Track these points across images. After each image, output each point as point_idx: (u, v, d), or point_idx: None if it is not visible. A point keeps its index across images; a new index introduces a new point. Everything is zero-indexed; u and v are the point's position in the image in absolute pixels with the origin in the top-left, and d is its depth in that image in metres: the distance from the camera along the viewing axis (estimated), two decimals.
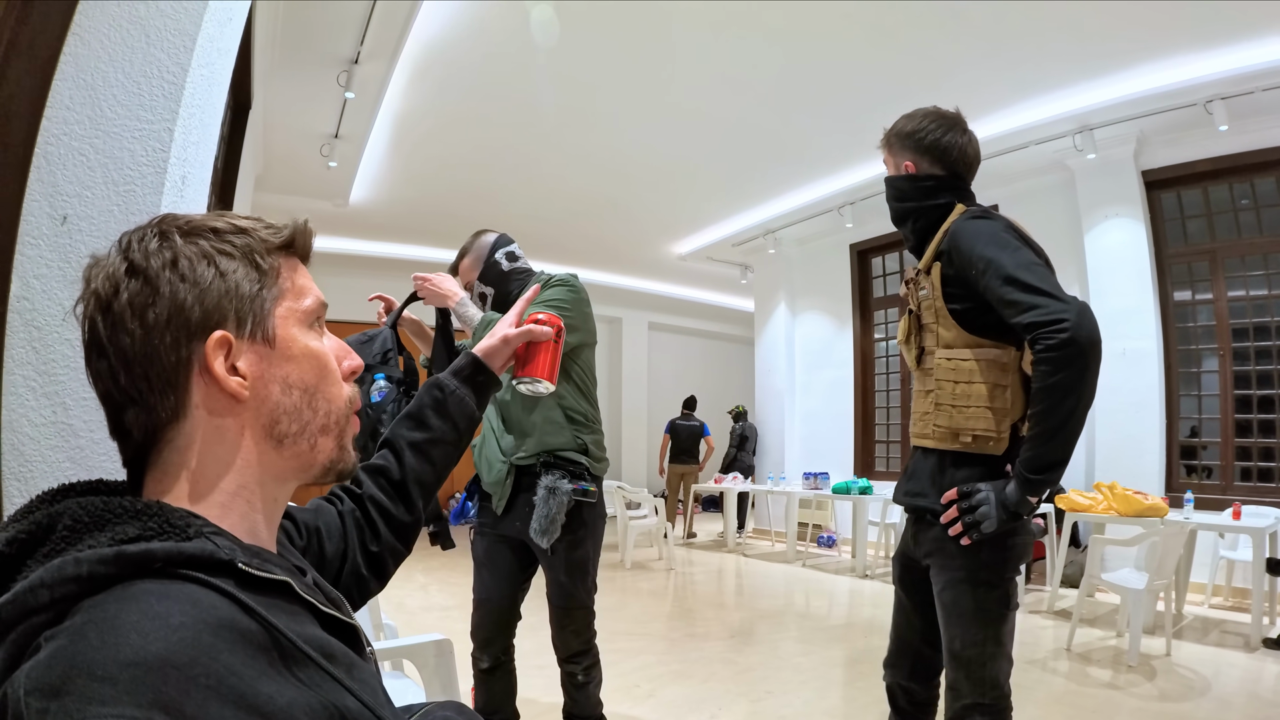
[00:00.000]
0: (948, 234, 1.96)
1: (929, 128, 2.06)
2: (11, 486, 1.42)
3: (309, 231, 0.91)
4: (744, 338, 15.33)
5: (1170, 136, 6.73)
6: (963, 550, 1.88)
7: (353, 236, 10.76)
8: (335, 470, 0.91)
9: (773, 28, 5.61)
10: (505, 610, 2.83)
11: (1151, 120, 6.51)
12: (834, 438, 10.05)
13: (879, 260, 9.96)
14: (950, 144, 2.05)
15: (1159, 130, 6.69)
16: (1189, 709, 3.72)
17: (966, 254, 1.87)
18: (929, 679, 2.18)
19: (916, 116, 2.10)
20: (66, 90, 1.54)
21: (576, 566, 2.70)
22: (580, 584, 2.72)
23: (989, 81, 6.28)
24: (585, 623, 2.75)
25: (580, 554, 2.70)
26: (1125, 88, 6.26)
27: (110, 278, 0.77)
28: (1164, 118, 6.43)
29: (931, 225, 2.05)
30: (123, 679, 0.56)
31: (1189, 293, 6.95)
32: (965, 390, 1.93)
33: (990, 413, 1.90)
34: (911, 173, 2.09)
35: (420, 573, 7.61)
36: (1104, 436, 6.95)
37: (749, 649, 4.97)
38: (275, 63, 5.83)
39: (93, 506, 0.71)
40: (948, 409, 1.96)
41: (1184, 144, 6.72)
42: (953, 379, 1.95)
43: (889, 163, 2.17)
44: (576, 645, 2.74)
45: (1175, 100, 6.19)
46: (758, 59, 6.09)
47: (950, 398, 1.95)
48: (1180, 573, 5.32)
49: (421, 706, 1.01)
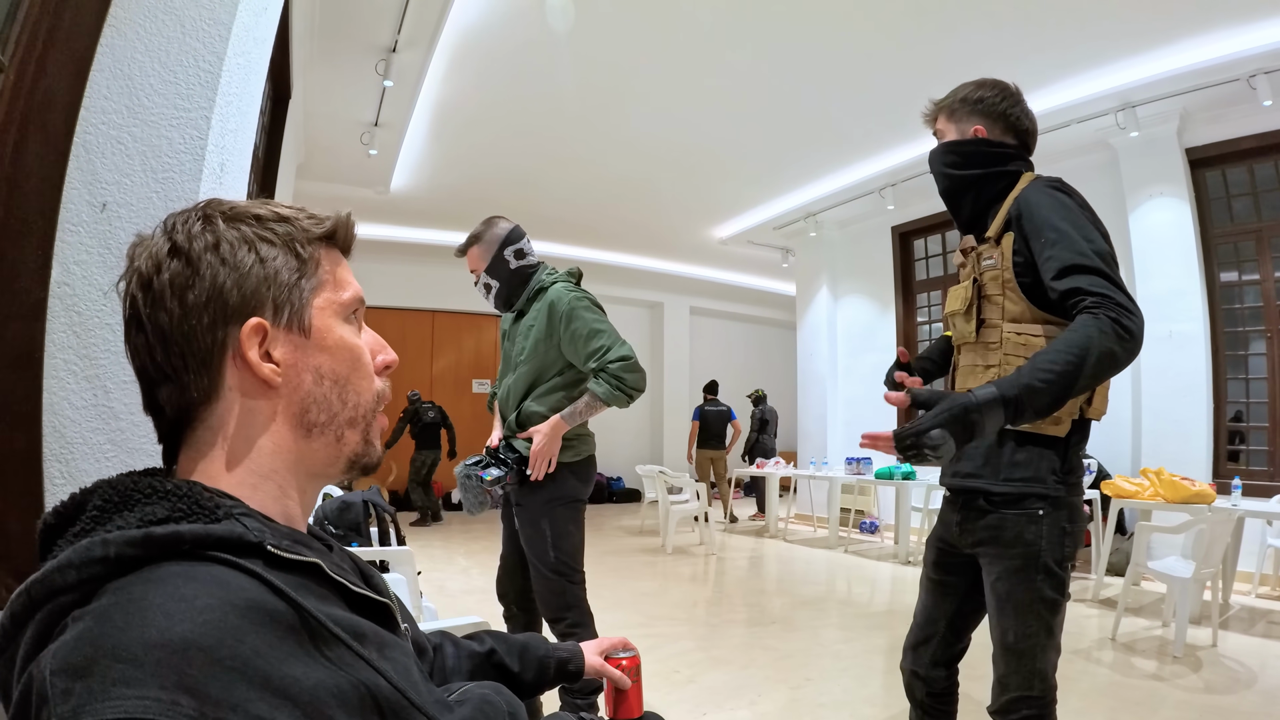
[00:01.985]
0: (1020, 200, 1.86)
1: (995, 96, 2.00)
2: (53, 468, 1.45)
3: (351, 224, 0.92)
4: (786, 322, 15.25)
5: (1214, 113, 6.56)
6: (1020, 538, 1.82)
7: (394, 223, 10.86)
8: (360, 464, 0.91)
9: (810, 8, 5.54)
10: (512, 564, 3.04)
11: (1194, 96, 6.35)
12: (877, 423, 9.91)
13: (921, 243, 9.83)
14: (1018, 114, 2.00)
15: (1202, 106, 6.51)
16: (1234, 702, 3.63)
17: (1040, 222, 1.78)
18: (949, 666, 2.14)
19: (979, 85, 2.04)
20: (104, 81, 1.57)
21: (531, 525, 2.85)
22: (537, 542, 2.84)
23: (1029, 59, 6.14)
24: (557, 585, 2.84)
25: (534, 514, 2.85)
26: (1167, 63, 6.12)
27: (153, 256, 0.79)
28: (1207, 94, 6.26)
29: (998, 194, 1.97)
30: (148, 661, 0.56)
31: (1235, 274, 6.75)
32: None
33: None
34: (983, 136, 2.00)
35: (462, 556, 7.70)
36: (1150, 422, 6.81)
37: (789, 635, 4.95)
38: (314, 52, 5.88)
39: (122, 486, 0.72)
40: None
41: (1228, 120, 6.54)
42: (1022, 354, 1.84)
43: (946, 130, 2.07)
44: (553, 605, 2.86)
45: (1218, 76, 6.03)
46: (795, 40, 6.03)
47: None
48: (1227, 561, 5.20)
49: (460, 685, 1.02)
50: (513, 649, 1.30)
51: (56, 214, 1.49)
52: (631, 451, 14.67)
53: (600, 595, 5.99)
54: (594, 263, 13.25)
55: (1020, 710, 1.85)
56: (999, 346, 1.91)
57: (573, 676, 1.36)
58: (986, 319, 1.97)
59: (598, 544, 8.95)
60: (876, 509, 9.81)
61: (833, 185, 9.41)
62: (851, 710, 3.55)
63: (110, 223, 1.53)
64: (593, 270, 13.47)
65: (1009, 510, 1.85)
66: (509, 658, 1.28)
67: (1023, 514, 1.83)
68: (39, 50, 1.48)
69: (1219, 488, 5.79)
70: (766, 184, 9.69)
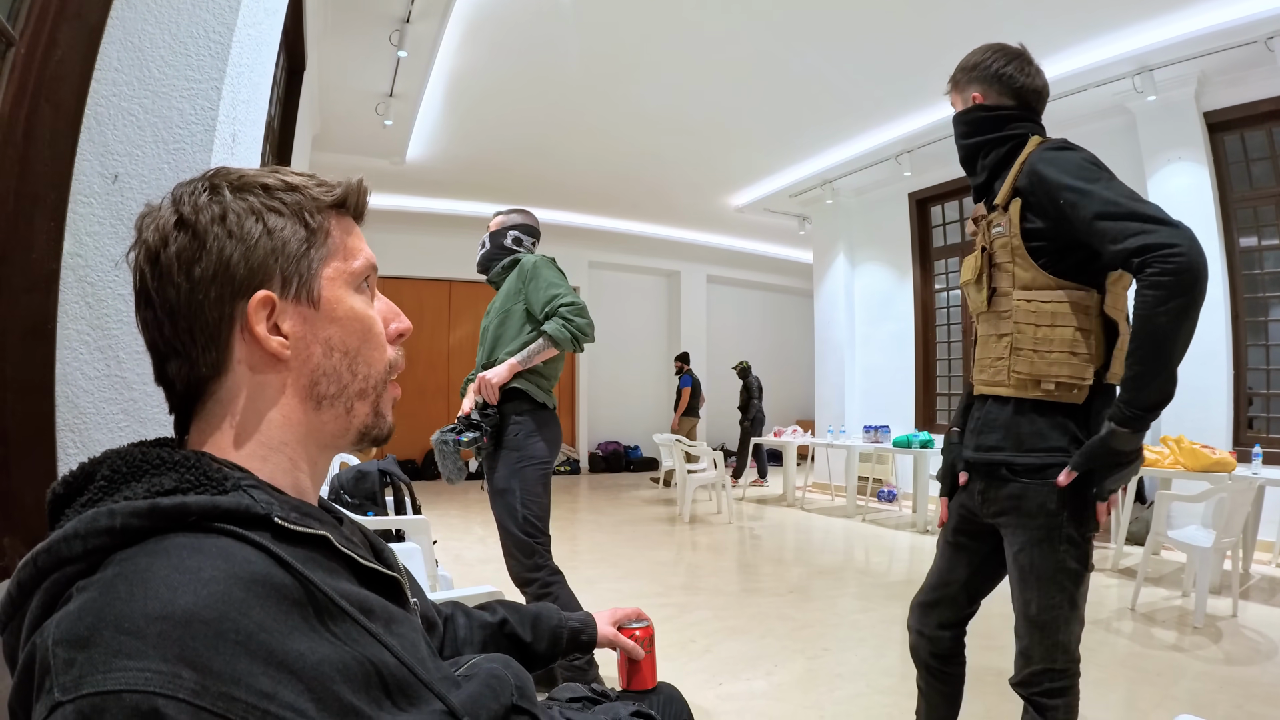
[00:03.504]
0: (1027, 167, 1.84)
1: (992, 59, 1.98)
2: (66, 438, 1.46)
3: (364, 190, 0.90)
4: (803, 290, 15.18)
5: (1232, 76, 6.42)
6: (1043, 508, 1.81)
7: (410, 194, 10.86)
8: (370, 436, 0.90)
9: None
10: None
11: (1212, 59, 6.22)
12: (895, 391, 9.92)
13: (938, 209, 9.72)
14: (1015, 74, 1.96)
15: (1220, 69, 6.38)
16: (1255, 673, 3.60)
17: (1053, 184, 1.75)
18: (957, 628, 2.14)
19: (979, 51, 2.03)
20: (115, 52, 1.56)
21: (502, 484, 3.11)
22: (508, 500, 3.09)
23: (1045, 23, 6.03)
24: (526, 545, 3.07)
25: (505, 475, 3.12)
26: (1184, 25, 6.00)
27: (160, 229, 0.78)
28: (1225, 56, 6.14)
29: (1005, 159, 1.96)
30: (150, 633, 0.56)
31: (1255, 239, 6.63)
32: (1048, 334, 1.82)
33: (1075, 358, 1.80)
34: (980, 102, 1.99)
35: (479, 525, 7.74)
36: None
37: (807, 605, 4.96)
38: (328, 23, 5.86)
39: (131, 456, 0.72)
40: (1028, 354, 1.85)
41: (1246, 83, 6.40)
42: (1034, 322, 1.84)
43: (955, 101, 2.09)
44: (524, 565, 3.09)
45: (1236, 38, 5.90)
46: (810, 7, 5.95)
47: (1031, 342, 1.84)
48: (1248, 530, 5.15)
49: (469, 659, 1.02)
50: (525, 619, 1.30)
51: (68, 186, 1.49)
52: (650, 420, 14.69)
53: (617, 565, 6.06)
54: (611, 232, 13.23)
55: (1043, 683, 1.84)
56: (1010, 315, 1.90)
57: (585, 646, 1.36)
58: (998, 287, 1.95)
59: (614, 513, 9.00)
60: (895, 478, 9.79)
61: (849, 152, 9.31)
62: (869, 680, 3.56)
63: (122, 194, 1.53)
64: (610, 239, 13.56)
65: (1031, 479, 1.83)
66: (521, 628, 1.28)
67: (1045, 483, 1.81)
68: (50, 23, 1.48)
69: (1239, 456, 5.72)
70: (782, 152, 9.60)
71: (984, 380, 2.00)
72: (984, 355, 2.01)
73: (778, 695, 3.40)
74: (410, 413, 11.56)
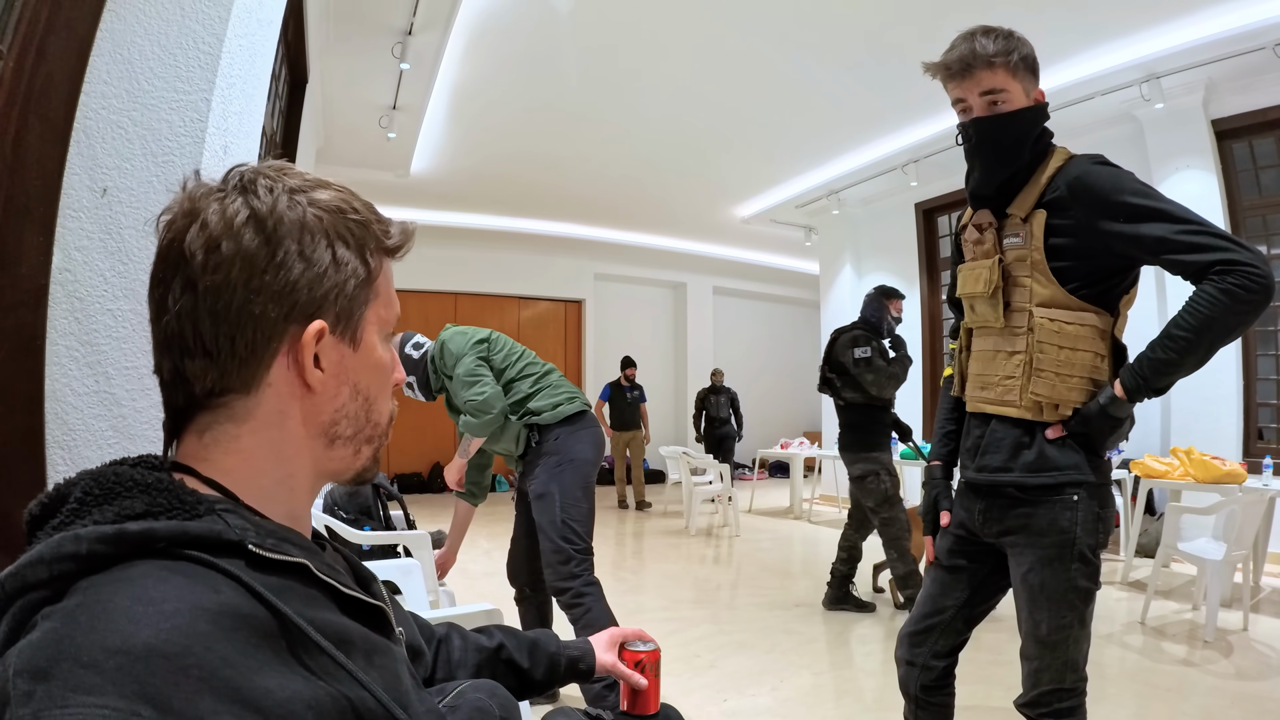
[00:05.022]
0: (1067, 178, 1.75)
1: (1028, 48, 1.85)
2: (55, 454, 1.44)
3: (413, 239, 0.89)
4: (809, 301, 15.12)
5: (1240, 83, 6.38)
6: (1055, 525, 1.75)
7: (415, 206, 10.86)
8: (363, 478, 0.89)
9: None
10: (523, 546, 3.42)
11: (1220, 66, 6.18)
12: (901, 402, 9.83)
13: (945, 219, 9.69)
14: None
15: (1228, 76, 6.34)
16: (1267, 689, 3.55)
17: (1109, 200, 1.67)
18: (949, 657, 2.06)
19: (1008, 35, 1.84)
20: (104, 65, 1.55)
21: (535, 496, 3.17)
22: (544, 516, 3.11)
23: (1052, 30, 5.98)
24: (554, 554, 3.07)
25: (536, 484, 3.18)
26: (1191, 32, 5.96)
27: (226, 217, 0.72)
28: (1232, 63, 6.09)
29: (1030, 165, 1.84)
30: (108, 667, 0.53)
31: (1264, 247, 6.54)
32: (1070, 358, 1.75)
33: (1092, 385, 1.76)
34: (1043, 103, 1.87)
35: (484, 539, 7.72)
36: (1180, 400, 6.67)
37: (813, 619, 4.92)
38: (331, 36, 5.87)
39: (104, 478, 0.69)
40: (1049, 376, 1.77)
41: (1255, 90, 6.36)
42: (1057, 343, 1.76)
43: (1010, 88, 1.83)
44: (560, 574, 3.07)
45: (1243, 44, 5.86)
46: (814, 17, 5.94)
47: (1054, 364, 1.76)
48: (1258, 543, 5.10)
49: (456, 685, 0.99)
50: (523, 645, 1.27)
51: (57, 200, 1.48)
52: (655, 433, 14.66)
53: (623, 579, 6.03)
54: (616, 244, 13.23)
55: (1052, 703, 1.80)
56: (1026, 332, 1.81)
57: (584, 675, 1.33)
58: (1011, 302, 1.86)
59: (620, 526, 8.96)
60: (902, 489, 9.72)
61: (855, 162, 9.28)
62: (876, 696, 3.52)
63: (111, 208, 1.52)
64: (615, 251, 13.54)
65: (1043, 498, 1.78)
66: (519, 654, 1.25)
67: (1058, 500, 1.76)
68: (39, 36, 1.47)
69: (1250, 467, 5.67)
70: (787, 162, 9.58)
71: (987, 399, 1.91)
72: (987, 372, 1.92)
73: (783, 711, 3.36)
74: (414, 426, 11.53)
